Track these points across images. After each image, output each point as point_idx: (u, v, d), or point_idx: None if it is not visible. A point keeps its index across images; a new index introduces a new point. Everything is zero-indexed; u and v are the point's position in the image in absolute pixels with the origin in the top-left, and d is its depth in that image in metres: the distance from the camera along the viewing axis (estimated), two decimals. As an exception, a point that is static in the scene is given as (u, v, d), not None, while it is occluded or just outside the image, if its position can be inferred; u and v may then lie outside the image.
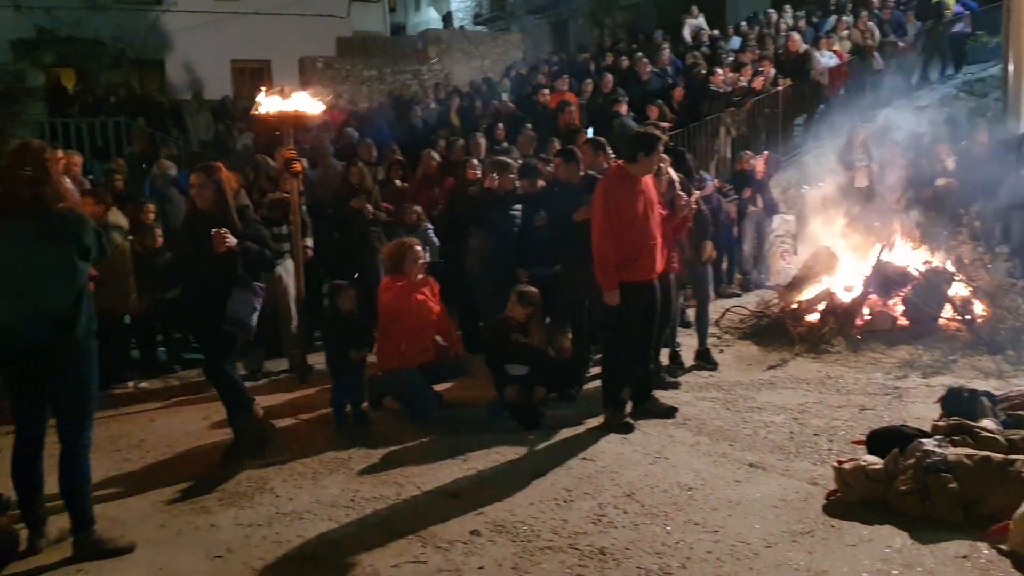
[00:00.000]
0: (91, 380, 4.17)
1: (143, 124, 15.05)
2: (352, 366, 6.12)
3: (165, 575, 3.96)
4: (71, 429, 4.12)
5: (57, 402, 4.13)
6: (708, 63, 13.99)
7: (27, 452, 4.15)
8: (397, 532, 4.33)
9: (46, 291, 3.99)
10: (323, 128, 12.59)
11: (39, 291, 3.99)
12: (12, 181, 3.97)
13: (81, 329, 4.06)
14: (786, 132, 13.51)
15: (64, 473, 4.14)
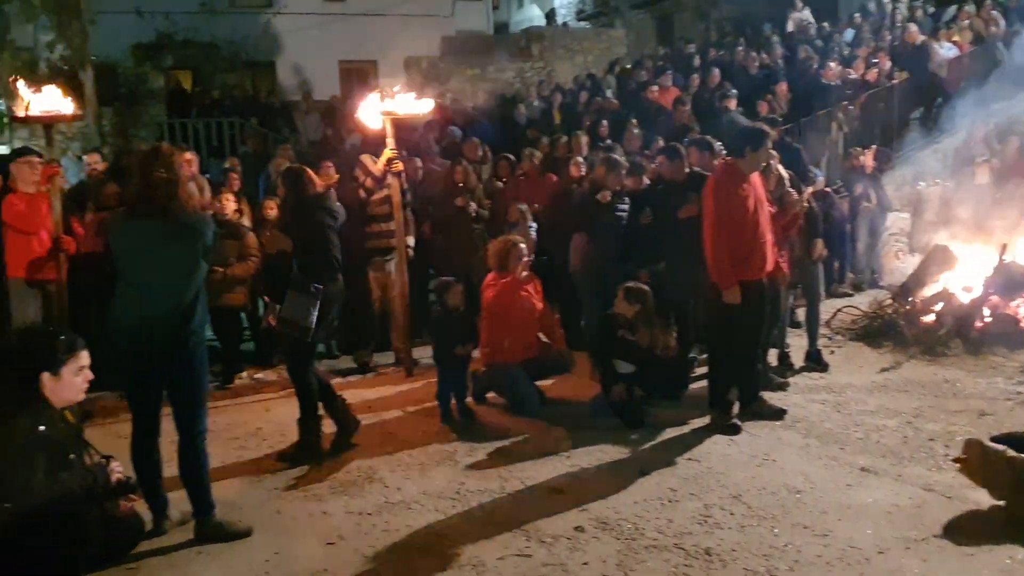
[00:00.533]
0: (203, 370, 4.36)
1: (256, 124, 15.59)
2: (457, 361, 6.22)
3: (282, 559, 4.11)
4: (187, 418, 4.32)
5: (173, 392, 4.32)
6: (820, 56, 13.62)
7: (145, 440, 4.36)
8: (502, 525, 4.39)
9: (171, 287, 4.20)
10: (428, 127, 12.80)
11: (165, 287, 4.20)
12: (145, 183, 4.19)
13: (196, 323, 4.25)
14: (901, 127, 13.04)
15: (183, 460, 4.35)
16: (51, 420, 3.56)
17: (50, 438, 3.50)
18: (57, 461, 3.53)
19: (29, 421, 3.47)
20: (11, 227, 6.19)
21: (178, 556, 4.18)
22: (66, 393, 3.65)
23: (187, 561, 4.12)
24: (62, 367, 3.61)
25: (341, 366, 7.94)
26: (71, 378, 3.64)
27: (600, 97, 13.73)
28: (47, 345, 3.65)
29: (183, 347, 4.21)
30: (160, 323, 4.17)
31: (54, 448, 3.52)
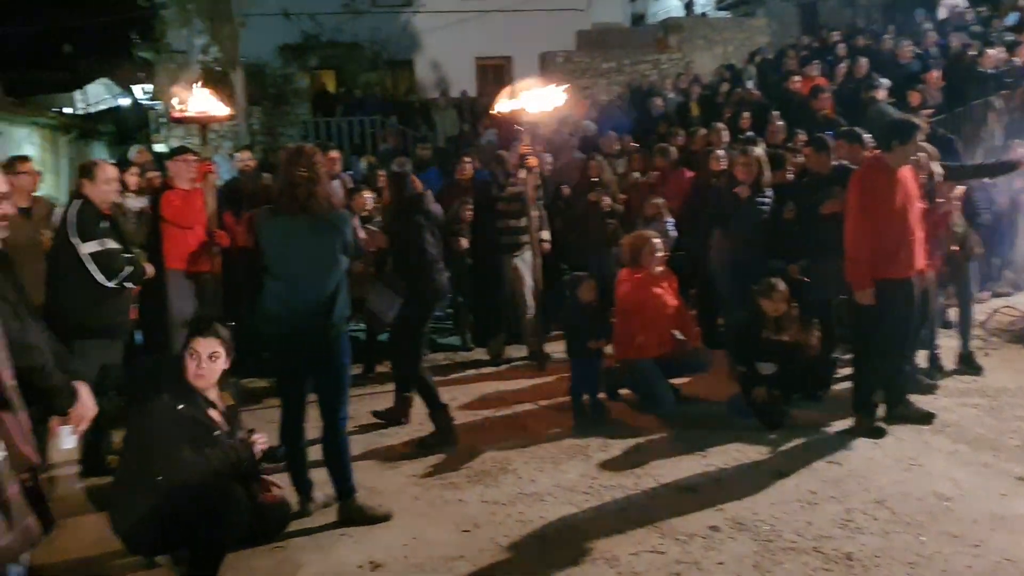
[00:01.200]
0: (345, 360, 4.52)
1: (396, 122, 16.00)
2: (590, 356, 6.22)
3: (419, 544, 4.23)
4: (330, 404, 4.49)
5: (317, 379, 4.50)
6: (980, 43, 12.85)
7: (292, 424, 4.57)
8: (635, 521, 4.38)
9: (313, 280, 4.38)
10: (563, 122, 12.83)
11: (308, 280, 4.39)
12: (288, 181, 4.39)
13: (337, 315, 4.40)
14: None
15: (326, 445, 4.53)
16: (191, 399, 3.79)
17: (188, 416, 3.71)
18: (200, 438, 3.73)
19: (169, 399, 3.72)
20: (169, 222, 6.56)
21: (322, 537, 4.36)
22: (202, 375, 3.89)
23: (331, 542, 4.29)
24: (186, 350, 3.88)
25: (473, 358, 8.08)
26: (187, 360, 3.88)
27: (741, 88, 13.41)
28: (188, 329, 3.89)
29: (325, 337, 4.38)
30: (303, 314, 4.36)
31: (194, 425, 3.73)
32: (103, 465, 5.16)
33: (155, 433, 3.68)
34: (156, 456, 3.64)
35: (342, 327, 4.47)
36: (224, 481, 3.75)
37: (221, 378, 4.05)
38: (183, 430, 3.68)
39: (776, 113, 10.14)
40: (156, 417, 3.71)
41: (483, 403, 6.62)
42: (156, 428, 3.69)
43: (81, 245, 5.19)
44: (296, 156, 4.46)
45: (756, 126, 10.33)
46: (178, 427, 3.68)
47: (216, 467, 3.73)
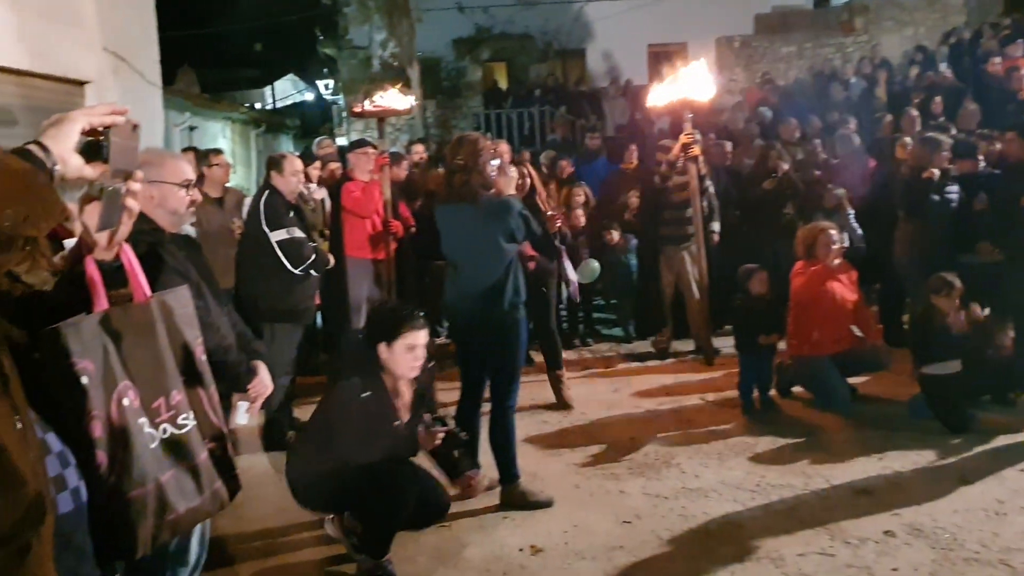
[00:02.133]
0: (516, 347, 4.56)
1: (565, 112, 16.05)
2: (761, 351, 6.05)
3: (580, 532, 4.25)
4: (500, 390, 4.59)
5: (490, 365, 4.60)
6: None
7: (467, 407, 4.70)
8: (803, 522, 4.23)
9: (479, 267, 4.47)
10: (737, 109, 12.50)
11: (474, 267, 4.49)
12: (448, 171, 4.51)
13: (508, 302, 4.45)
14: None
15: (493, 429, 4.63)
16: (379, 387, 3.85)
17: (370, 404, 3.76)
18: (377, 429, 3.79)
19: (358, 383, 3.77)
20: (349, 211, 6.87)
21: (485, 519, 4.47)
22: (396, 366, 3.87)
23: (493, 524, 4.39)
24: (394, 341, 3.84)
25: (638, 350, 8.02)
26: (402, 353, 3.85)
27: (932, 72, 12.62)
28: (388, 318, 3.93)
29: (495, 324, 4.46)
30: (473, 301, 4.47)
31: (374, 416, 3.78)
32: (283, 440, 5.47)
33: (337, 414, 3.79)
34: (334, 435, 3.78)
35: (514, 316, 4.51)
36: (399, 467, 3.87)
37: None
38: (363, 418, 3.76)
39: (969, 100, 9.48)
40: (342, 399, 3.80)
41: (647, 395, 6.56)
42: (339, 410, 3.79)
43: (271, 234, 5.51)
44: (456, 145, 4.58)
45: (948, 111, 9.70)
46: (359, 414, 3.75)
47: (384, 456, 3.82)
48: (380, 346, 3.84)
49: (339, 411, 3.79)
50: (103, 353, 1.97)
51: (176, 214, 3.07)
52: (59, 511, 1.82)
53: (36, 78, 6.63)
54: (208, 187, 6.72)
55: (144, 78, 8.24)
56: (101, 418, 1.96)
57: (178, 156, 3.52)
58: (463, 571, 3.93)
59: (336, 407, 3.83)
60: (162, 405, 2.08)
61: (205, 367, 2.23)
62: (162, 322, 2.13)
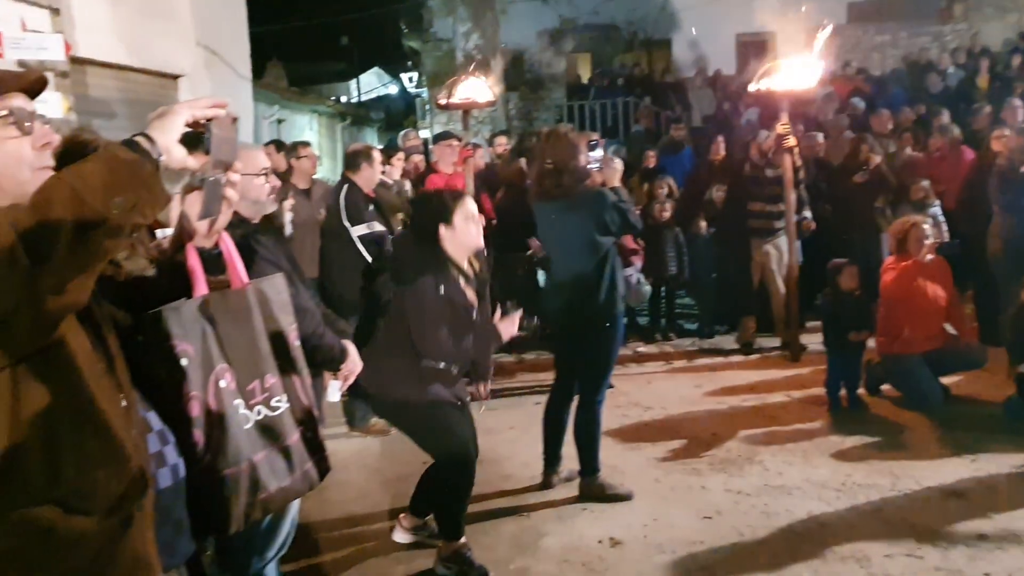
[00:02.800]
0: (610, 343, 4.51)
1: (649, 103, 15.90)
2: (850, 348, 5.91)
3: (660, 526, 4.24)
4: (588, 384, 4.59)
5: (583, 360, 4.60)
6: None
7: (558, 398, 4.71)
8: (891, 523, 4.14)
9: (571, 261, 4.48)
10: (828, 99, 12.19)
11: (566, 261, 4.51)
12: (539, 167, 4.51)
13: (601, 297, 4.42)
14: None
15: (579, 422, 4.64)
16: (450, 276, 3.72)
17: (449, 298, 3.68)
18: (459, 323, 3.73)
19: (432, 280, 3.67)
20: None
21: (564, 510, 4.49)
22: (463, 239, 3.73)
23: (573, 516, 4.40)
24: (452, 216, 3.71)
25: (721, 346, 7.92)
26: (463, 225, 3.71)
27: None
28: (435, 201, 3.83)
29: (590, 319, 4.45)
30: (568, 295, 4.49)
31: (454, 309, 3.70)
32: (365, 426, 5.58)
33: (419, 316, 3.66)
34: (416, 335, 3.67)
35: (610, 309, 4.45)
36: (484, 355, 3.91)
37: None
38: (445, 313, 3.68)
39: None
40: (421, 300, 3.68)
41: (731, 391, 6.47)
42: (421, 312, 3.67)
43: (351, 229, 5.61)
44: (543, 140, 4.59)
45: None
46: (440, 310, 3.67)
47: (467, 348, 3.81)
48: (441, 229, 3.70)
49: (422, 315, 3.67)
50: (202, 336, 2.05)
51: (258, 202, 3.16)
52: (159, 486, 1.90)
53: (134, 72, 6.90)
54: (296, 179, 6.87)
55: (235, 72, 8.49)
56: (199, 399, 2.04)
57: (253, 146, 3.63)
58: (541, 560, 3.96)
59: (415, 307, 3.68)
60: (257, 388, 2.15)
61: (298, 352, 2.30)
62: (258, 308, 2.20)
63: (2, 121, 1.63)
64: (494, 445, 5.47)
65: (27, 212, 1.44)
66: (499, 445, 5.47)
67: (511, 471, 5.04)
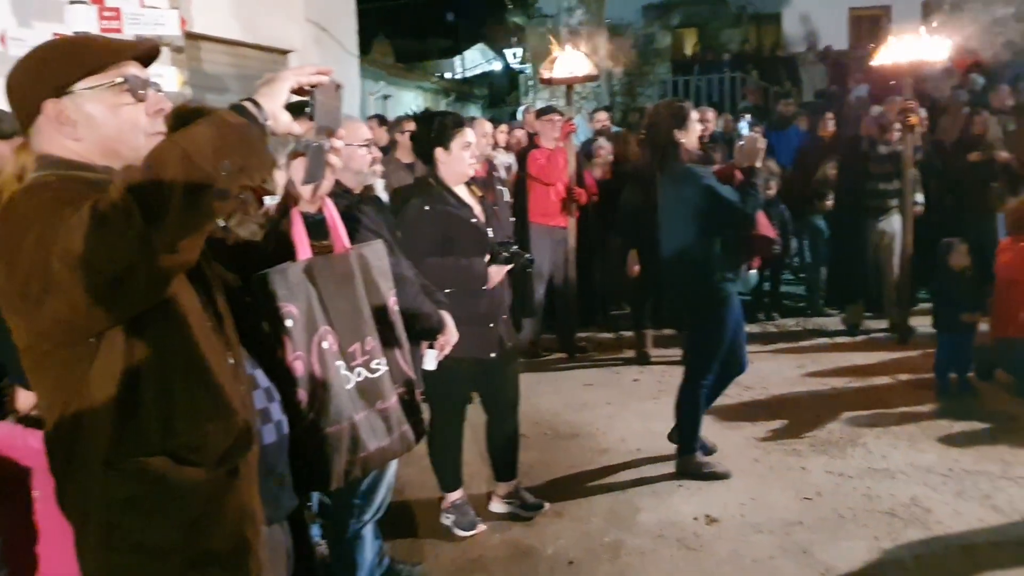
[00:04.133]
0: (717, 324, 4.42)
1: (757, 78, 15.52)
2: (962, 330, 5.69)
3: (758, 505, 4.19)
4: (695, 366, 4.55)
5: (688, 340, 4.62)
6: None
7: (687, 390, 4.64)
8: (1000, 510, 4.01)
9: (671, 236, 4.45)
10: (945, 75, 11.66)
11: (668, 236, 4.48)
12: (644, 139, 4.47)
13: (703, 274, 4.36)
14: None
15: (678, 400, 4.61)
16: (441, 199, 3.73)
17: (434, 214, 3.68)
18: (454, 231, 3.71)
19: (418, 202, 3.71)
20: (534, 178, 6.95)
21: (660, 487, 4.47)
22: (457, 166, 3.76)
23: (668, 492, 4.39)
24: (451, 142, 3.73)
25: (827, 326, 7.71)
26: (459, 152, 3.74)
27: None
28: (437, 124, 3.82)
29: (697, 297, 4.43)
30: (669, 271, 4.49)
31: (444, 221, 3.69)
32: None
33: (407, 233, 3.60)
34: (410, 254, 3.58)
35: (720, 288, 4.39)
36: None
37: None
38: (428, 227, 3.68)
39: None
40: (407, 218, 3.68)
41: (835, 373, 6.31)
42: (407, 229, 3.63)
43: None
44: (650, 114, 4.55)
45: None
46: (423, 225, 3.67)
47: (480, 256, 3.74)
48: (438, 152, 3.75)
49: (409, 231, 3.63)
50: (306, 298, 2.13)
51: (360, 173, 3.23)
52: (263, 441, 1.99)
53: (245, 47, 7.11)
54: (400, 153, 6.98)
55: (343, 47, 8.65)
56: (303, 359, 2.11)
57: (355, 118, 3.68)
58: (637, 535, 3.96)
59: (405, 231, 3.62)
60: (358, 350, 2.22)
61: (397, 317, 2.36)
62: (360, 273, 2.26)
63: (118, 88, 1.71)
64: (592, 420, 5.50)
65: (141, 173, 1.51)
66: (597, 420, 5.49)
67: (608, 445, 5.06)
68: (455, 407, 4.00)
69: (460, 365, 3.74)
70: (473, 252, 3.75)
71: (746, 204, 4.22)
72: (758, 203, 4.31)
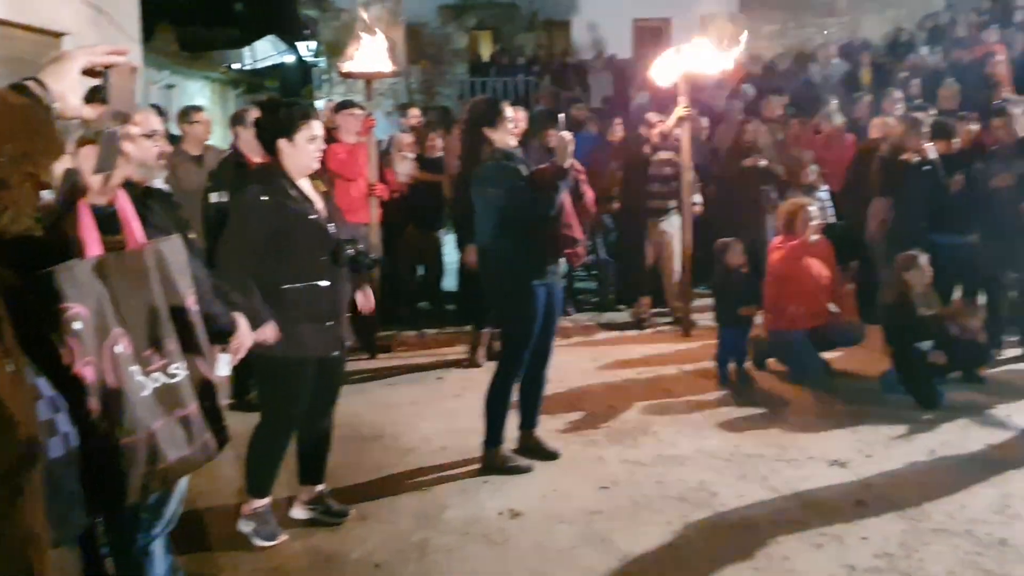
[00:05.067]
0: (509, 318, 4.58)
1: (549, 83, 15.98)
2: (739, 323, 6.11)
3: (558, 496, 4.30)
4: (499, 357, 4.69)
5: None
6: None
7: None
8: (777, 491, 4.31)
9: (480, 231, 4.55)
10: (720, 85, 12.48)
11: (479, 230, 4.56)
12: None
13: (493, 269, 4.50)
14: None
15: (487, 394, 4.64)
16: (282, 191, 3.61)
17: (273, 206, 3.55)
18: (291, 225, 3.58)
19: (257, 189, 3.58)
20: (334, 173, 6.80)
21: (467, 483, 4.50)
22: (301, 159, 3.66)
23: (475, 488, 4.42)
24: (296, 133, 3.62)
25: (617, 320, 8.07)
26: (304, 144, 3.64)
27: (913, 55, 12.69)
28: (283, 113, 3.73)
29: (494, 290, 4.55)
30: (481, 266, 4.63)
31: (282, 214, 3.57)
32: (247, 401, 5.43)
33: (238, 222, 3.53)
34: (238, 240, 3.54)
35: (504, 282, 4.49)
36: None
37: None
38: (262, 219, 3.55)
39: (949, 80, 9.54)
40: (240, 206, 3.58)
41: (625, 365, 6.62)
42: (239, 217, 3.54)
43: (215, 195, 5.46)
44: (466, 111, 4.63)
45: (927, 93, 9.77)
46: (257, 216, 3.55)
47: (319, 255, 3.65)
48: (281, 143, 3.63)
49: (241, 220, 3.56)
50: (96, 299, 1.97)
51: (146, 165, 3.03)
52: (50, 456, 1.82)
53: (14, 28, 6.51)
54: (188, 144, 6.64)
55: (123, 32, 8.10)
56: (94, 364, 1.96)
57: (143, 107, 3.45)
58: (443, 533, 3.96)
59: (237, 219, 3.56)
60: (154, 354, 2.09)
61: (197, 317, 2.24)
62: (156, 270, 2.12)
63: None
64: (395, 419, 5.46)
65: None
66: (401, 419, 5.46)
67: (413, 445, 5.03)
68: (292, 410, 3.79)
69: (305, 365, 3.64)
70: (312, 249, 3.64)
71: (543, 204, 4.34)
72: (553, 203, 4.40)
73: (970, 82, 9.81)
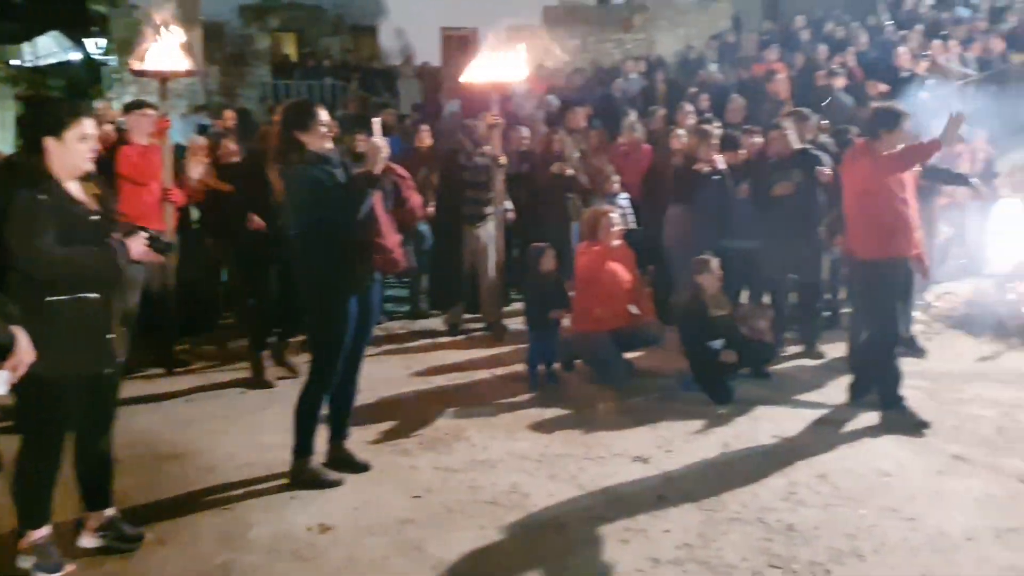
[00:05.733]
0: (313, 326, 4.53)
1: (356, 88, 15.81)
2: (548, 326, 6.27)
3: (370, 508, 4.24)
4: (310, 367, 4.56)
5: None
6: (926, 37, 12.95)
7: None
8: (585, 489, 4.46)
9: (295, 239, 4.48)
10: (526, 96, 12.78)
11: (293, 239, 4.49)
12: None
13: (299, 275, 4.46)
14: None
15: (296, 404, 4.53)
16: (55, 190, 3.42)
17: (51, 205, 3.36)
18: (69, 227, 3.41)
19: (30, 191, 3.35)
20: (125, 178, 6.41)
21: (272, 499, 4.36)
22: (71, 159, 3.47)
23: (281, 504, 4.29)
24: (65, 131, 3.44)
25: (430, 328, 8.08)
26: (75, 144, 3.46)
27: (703, 71, 13.49)
28: (50, 111, 3.56)
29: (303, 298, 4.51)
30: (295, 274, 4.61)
31: (60, 215, 3.38)
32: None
33: (18, 227, 3.31)
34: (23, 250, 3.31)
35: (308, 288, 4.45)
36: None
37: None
38: (44, 219, 3.33)
39: (735, 95, 10.22)
40: (16, 209, 3.31)
41: (439, 371, 6.64)
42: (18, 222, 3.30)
43: None
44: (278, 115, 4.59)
45: (715, 108, 10.41)
46: (38, 216, 3.32)
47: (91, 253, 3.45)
48: (48, 142, 3.42)
49: (21, 225, 3.30)
50: None
51: None
52: None
53: None
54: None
55: None
56: None
57: None
58: (249, 552, 3.82)
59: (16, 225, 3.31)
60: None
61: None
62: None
63: None
64: (196, 437, 5.22)
65: None
66: (201, 437, 5.21)
67: (215, 463, 4.82)
68: (57, 432, 3.52)
69: (67, 383, 3.39)
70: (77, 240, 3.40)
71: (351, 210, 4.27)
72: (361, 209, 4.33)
73: (754, 98, 10.54)
